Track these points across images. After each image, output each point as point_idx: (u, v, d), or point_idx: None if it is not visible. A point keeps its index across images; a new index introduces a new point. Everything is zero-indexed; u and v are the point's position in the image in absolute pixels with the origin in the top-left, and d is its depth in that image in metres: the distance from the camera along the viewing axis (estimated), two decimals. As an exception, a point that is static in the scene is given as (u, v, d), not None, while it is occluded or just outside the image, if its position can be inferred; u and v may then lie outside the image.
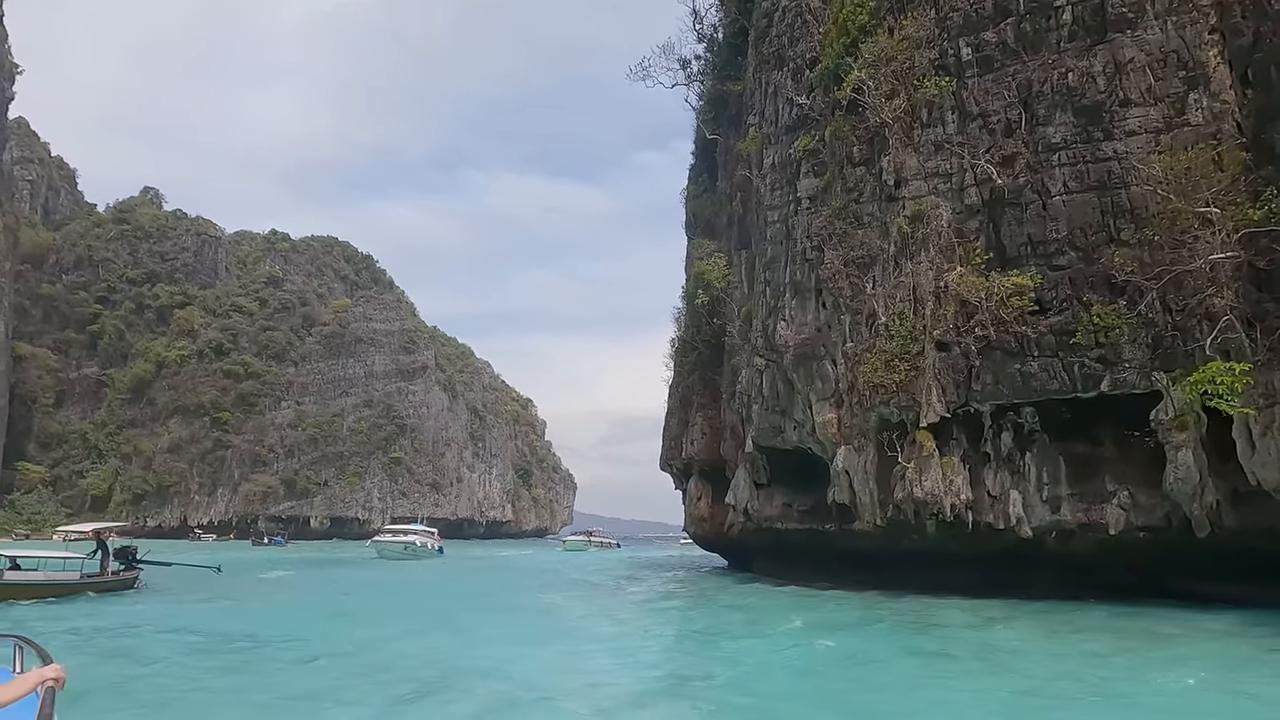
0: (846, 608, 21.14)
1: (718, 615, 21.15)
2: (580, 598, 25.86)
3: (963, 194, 24.88)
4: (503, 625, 18.16)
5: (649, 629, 18.91)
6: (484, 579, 36.93)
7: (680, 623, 20.51)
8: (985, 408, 22.98)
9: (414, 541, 60.65)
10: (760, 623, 18.73)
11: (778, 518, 30.51)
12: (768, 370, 30.32)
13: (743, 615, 20.70)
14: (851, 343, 26.24)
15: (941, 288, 24.09)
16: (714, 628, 18.27)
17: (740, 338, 34.23)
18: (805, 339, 27.73)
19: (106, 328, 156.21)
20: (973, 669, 12.95)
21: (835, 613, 20.44)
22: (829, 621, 18.61)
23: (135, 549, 29.56)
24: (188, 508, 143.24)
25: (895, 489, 24.05)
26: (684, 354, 42.56)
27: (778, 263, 30.54)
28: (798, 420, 28.60)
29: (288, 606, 22.90)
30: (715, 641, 16.19)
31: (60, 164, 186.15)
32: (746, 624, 18.59)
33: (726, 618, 20.30)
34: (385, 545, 58.97)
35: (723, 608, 22.87)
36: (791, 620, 18.42)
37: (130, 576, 28.10)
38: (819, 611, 20.54)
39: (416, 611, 21.22)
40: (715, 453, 38.30)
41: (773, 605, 21.85)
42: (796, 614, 19.76)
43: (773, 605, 21.85)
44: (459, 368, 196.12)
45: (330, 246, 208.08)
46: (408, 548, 58.85)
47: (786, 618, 19.16)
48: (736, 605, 23.05)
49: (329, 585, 31.10)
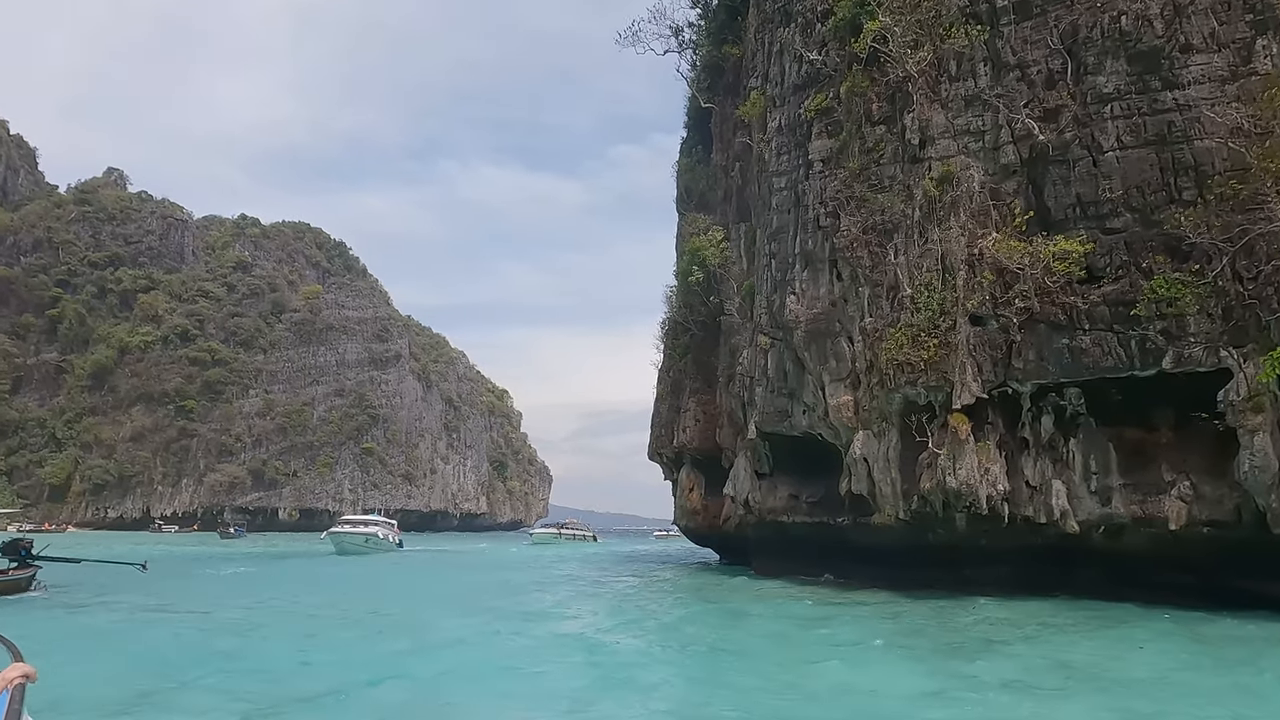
0: (907, 616, 17.85)
1: (762, 630, 16.50)
2: (578, 600, 22.77)
3: (997, 153, 22.47)
4: (500, 646, 14.32)
5: (685, 649, 14.48)
6: (455, 578, 33.19)
7: (737, 648, 14.73)
8: (1025, 388, 20.61)
9: (376, 533, 55.08)
10: (839, 642, 14.55)
11: (782, 510, 28.03)
12: (773, 350, 27.80)
13: (797, 629, 16.55)
14: (871, 317, 23.77)
15: (975, 255, 21.67)
16: (780, 658, 13.52)
17: (741, 316, 31.70)
18: (818, 314, 25.23)
19: (67, 312, 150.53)
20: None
21: (904, 623, 16.87)
22: (921, 641, 14.50)
23: (30, 542, 23.73)
24: (151, 499, 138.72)
25: (921, 478, 21.64)
26: (675, 336, 39.98)
27: (785, 233, 28.00)
28: (807, 404, 26.12)
29: (207, 621, 17.24)
30: (807, 685, 11.51)
31: (20, 142, 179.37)
32: (826, 645, 14.27)
33: (787, 635, 15.71)
34: (343, 538, 52.54)
35: (761, 617, 18.55)
36: (871, 639, 14.67)
37: (22, 577, 22.32)
38: (877, 622, 16.86)
39: (387, 626, 16.88)
40: (710, 441, 35.79)
41: (817, 616, 18.27)
42: (853, 626, 16.25)
43: (817, 616, 18.27)
44: (433, 357, 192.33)
45: (302, 232, 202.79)
46: (369, 540, 53.29)
47: (859, 634, 15.37)
48: (776, 614, 18.91)
49: (278, 584, 27.92)
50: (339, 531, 54.04)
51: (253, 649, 13.47)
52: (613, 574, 34.48)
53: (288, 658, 12.66)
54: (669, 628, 16.94)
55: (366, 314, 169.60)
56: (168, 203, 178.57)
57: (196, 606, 19.82)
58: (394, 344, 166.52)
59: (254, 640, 14.37)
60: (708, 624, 17.61)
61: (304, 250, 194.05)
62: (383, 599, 22.65)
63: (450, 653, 13.24)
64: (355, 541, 51.90)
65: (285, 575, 32.33)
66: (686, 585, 27.69)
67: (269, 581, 28.72)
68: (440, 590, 26.04)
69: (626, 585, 27.52)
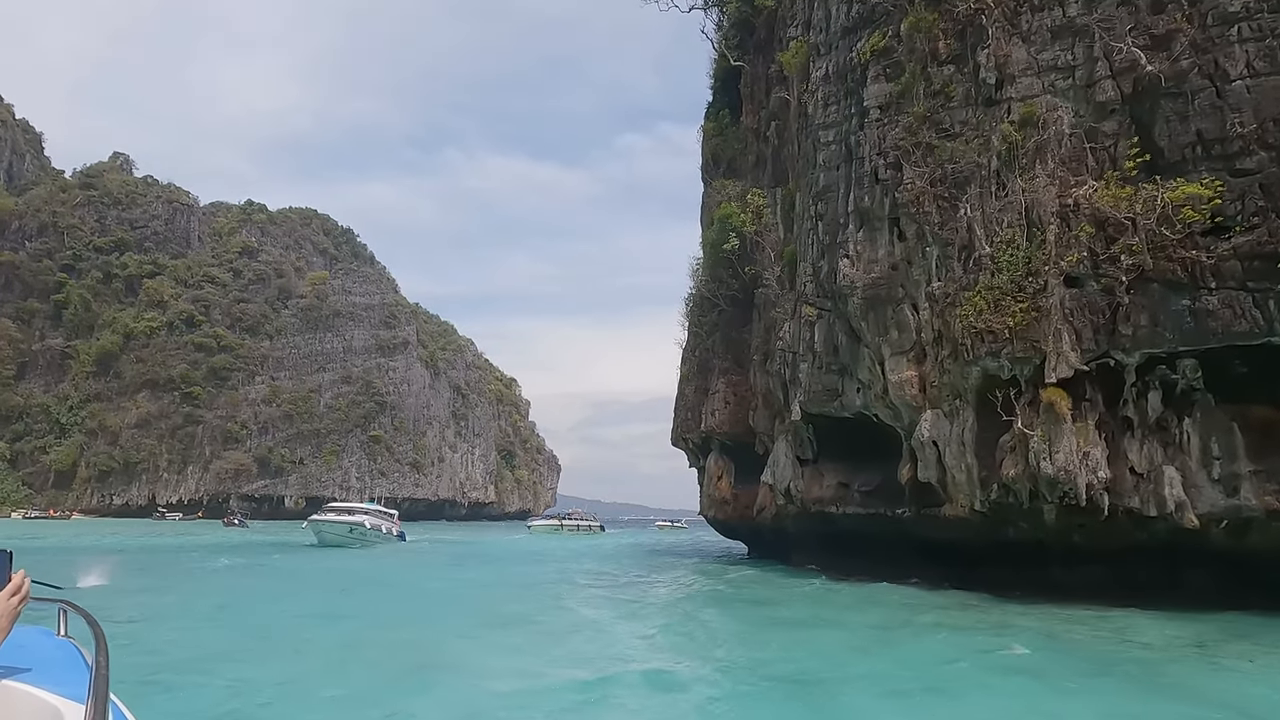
0: (1032, 632, 14.17)
1: (919, 656, 12.31)
2: (614, 609, 19.10)
3: (1092, 90, 19.44)
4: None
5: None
6: (463, 577, 28.31)
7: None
8: (1132, 359, 17.65)
9: (362, 524, 47.80)
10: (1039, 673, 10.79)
11: (830, 500, 25.17)
12: (821, 321, 24.90)
13: (951, 649, 12.66)
14: (940, 281, 20.83)
15: (1069, 206, 18.69)
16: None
17: (780, 286, 28.79)
18: (876, 279, 22.29)
19: (72, 297, 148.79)
20: None
21: (1061, 641, 13.35)
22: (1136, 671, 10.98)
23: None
24: (156, 486, 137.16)
25: (1004, 464, 18.75)
26: (702, 313, 37.07)
27: (834, 191, 25.05)
28: (862, 380, 23.22)
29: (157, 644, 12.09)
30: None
31: (26, 127, 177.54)
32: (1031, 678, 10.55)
33: (962, 662, 11.73)
34: (324, 527, 45.86)
35: (878, 630, 14.62)
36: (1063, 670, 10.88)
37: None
38: (1038, 640, 13.25)
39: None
40: (741, 424, 32.95)
41: (937, 626, 14.86)
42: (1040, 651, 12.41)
43: (937, 626, 14.86)
44: (441, 345, 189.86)
45: (309, 219, 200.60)
46: (354, 530, 46.46)
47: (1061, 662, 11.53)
48: (891, 625, 15.07)
49: (268, 583, 25.06)
50: (320, 521, 47.25)
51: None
52: (637, 570, 31.64)
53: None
54: (782, 663, 11.77)
55: (374, 300, 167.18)
56: (173, 187, 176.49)
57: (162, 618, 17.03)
58: (401, 331, 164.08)
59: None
60: (827, 655, 12.49)
61: (311, 237, 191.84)
62: (378, 604, 19.63)
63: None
64: (337, 532, 45.64)
65: (277, 572, 29.44)
66: (737, 588, 23.82)
67: (256, 579, 25.71)
68: (448, 593, 22.87)
69: (664, 588, 24.15)
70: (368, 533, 47.07)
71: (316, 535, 44.97)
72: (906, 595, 20.01)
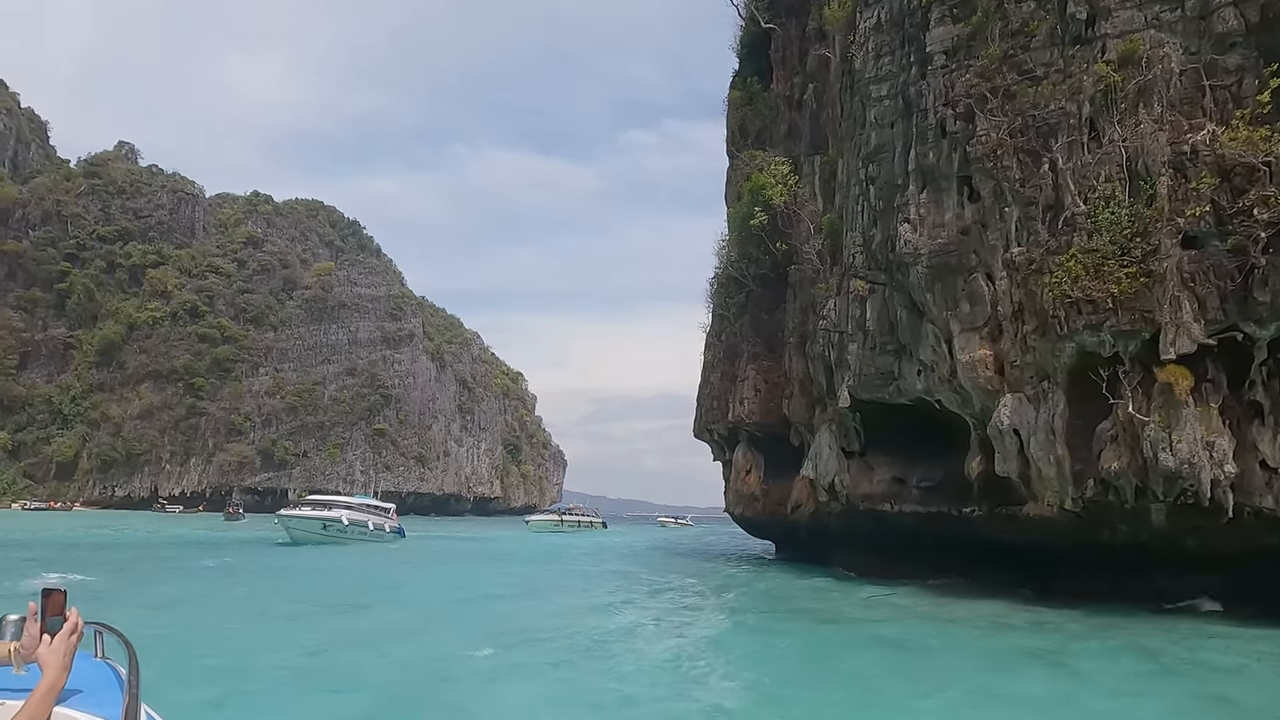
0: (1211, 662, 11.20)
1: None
2: (646, 624, 15.42)
3: (1207, 21, 16.70)
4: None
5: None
6: (467, 581, 24.04)
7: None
8: (1267, 331, 14.90)
9: (339, 519, 41.33)
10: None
11: (883, 496, 22.45)
12: (875, 296, 22.17)
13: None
14: (1021, 245, 18.10)
15: (1184, 154, 15.94)
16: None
17: (821, 260, 26.06)
18: (944, 245, 19.55)
19: (75, 287, 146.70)
20: None
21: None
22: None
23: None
24: (159, 478, 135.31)
25: (1104, 456, 16.04)
26: (728, 294, 34.33)
27: (887, 151, 22.31)
28: (924, 361, 20.49)
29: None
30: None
31: (31, 116, 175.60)
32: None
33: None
34: (295, 524, 39.91)
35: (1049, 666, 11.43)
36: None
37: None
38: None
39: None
40: (774, 414, 30.24)
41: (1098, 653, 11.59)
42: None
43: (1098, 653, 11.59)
44: (448, 338, 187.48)
45: (315, 210, 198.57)
46: (328, 527, 40.27)
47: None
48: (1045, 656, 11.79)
49: (256, 586, 22.26)
50: (290, 516, 41.30)
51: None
52: (658, 572, 28.93)
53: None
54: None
55: (380, 292, 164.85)
56: (178, 177, 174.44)
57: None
58: (407, 323, 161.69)
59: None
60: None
61: (317, 229, 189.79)
62: (367, 619, 16.47)
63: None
64: (308, 528, 39.58)
65: (272, 572, 26.63)
66: (789, 598, 20.04)
67: (235, 585, 22.34)
68: (449, 600, 19.75)
69: (702, 597, 20.96)
70: (347, 529, 41.32)
71: (287, 532, 39.71)
72: (1003, 608, 17.05)
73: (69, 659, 2.25)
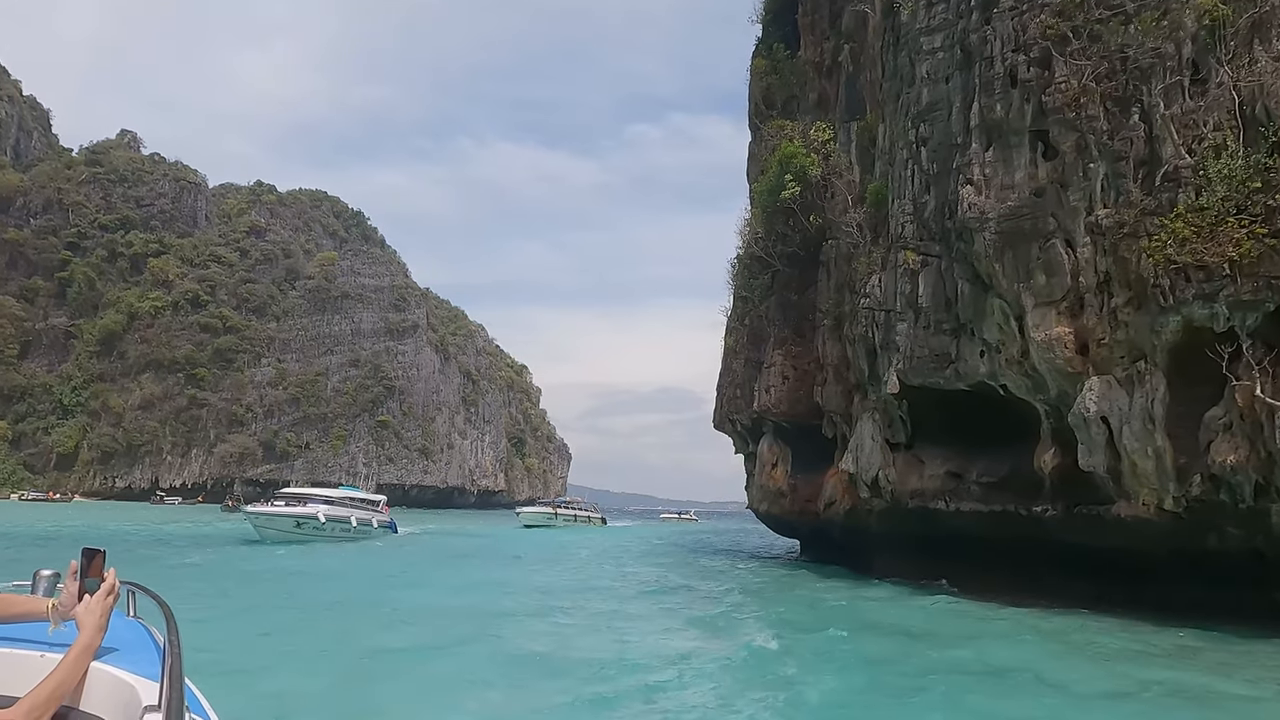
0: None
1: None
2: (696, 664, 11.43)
3: (1337, -59, 14.27)
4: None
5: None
6: (462, 589, 20.27)
7: None
8: None
9: (315, 517, 37.47)
10: None
11: (935, 493, 20.12)
12: (928, 270, 19.80)
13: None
14: (1109, 206, 15.72)
15: (1316, 93, 13.54)
16: None
17: (861, 233, 23.69)
18: (1015, 207, 17.16)
19: (76, 275, 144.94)
20: None
21: None
22: None
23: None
24: (160, 469, 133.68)
25: (1214, 447, 13.69)
26: (752, 275, 31.97)
27: (941, 108, 19.94)
28: (988, 341, 18.13)
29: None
30: None
31: (33, 104, 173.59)
32: None
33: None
34: (263, 522, 36.30)
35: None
36: None
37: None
38: None
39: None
40: (803, 403, 27.94)
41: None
42: None
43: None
44: (452, 330, 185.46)
45: (319, 200, 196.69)
46: (302, 524, 36.53)
47: None
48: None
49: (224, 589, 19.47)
50: (256, 514, 37.54)
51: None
52: (681, 575, 26.59)
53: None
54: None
55: (383, 282, 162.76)
56: (181, 165, 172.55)
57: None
58: (411, 314, 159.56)
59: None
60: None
61: (321, 219, 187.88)
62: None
63: None
64: (279, 527, 36.05)
65: (239, 578, 23.78)
66: (860, 608, 17.27)
67: (200, 591, 19.21)
68: (442, 610, 16.11)
69: (748, 608, 17.85)
70: (324, 526, 37.59)
71: (256, 531, 36.13)
72: (1115, 627, 14.45)
73: (105, 619, 2.26)
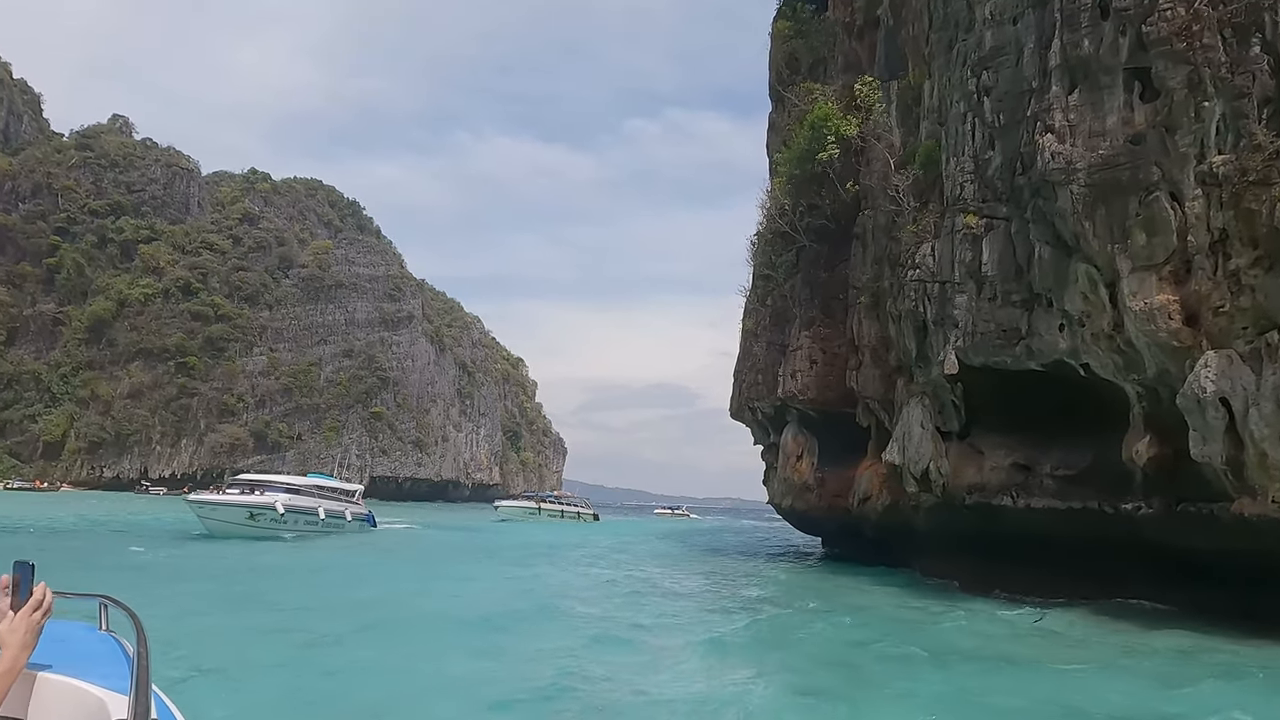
0: None
1: None
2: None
3: None
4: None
5: None
6: (445, 598, 17.37)
7: None
8: None
9: (272, 507, 32.91)
10: None
11: (999, 487, 17.77)
12: (994, 234, 17.43)
13: None
14: (1226, 152, 13.35)
15: None
16: None
17: (910, 198, 21.29)
18: (1108, 156, 14.78)
19: (65, 261, 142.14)
20: None
21: None
22: None
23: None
24: (149, 458, 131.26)
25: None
26: (775, 252, 29.59)
27: (1009, 52, 17.56)
28: (1070, 313, 15.76)
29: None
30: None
31: (24, 87, 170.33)
32: None
33: None
34: (209, 513, 32.22)
35: None
36: None
37: None
38: None
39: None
40: (833, 389, 25.60)
41: None
42: None
43: None
44: (447, 321, 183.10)
45: (314, 189, 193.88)
46: (256, 516, 32.23)
47: None
48: None
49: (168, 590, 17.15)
50: (202, 503, 33.17)
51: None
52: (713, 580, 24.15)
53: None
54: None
55: (379, 272, 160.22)
56: (173, 151, 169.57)
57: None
58: (406, 304, 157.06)
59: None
60: None
61: (315, 208, 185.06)
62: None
63: None
64: (229, 518, 31.87)
65: (197, 568, 21.28)
66: (940, 637, 13.52)
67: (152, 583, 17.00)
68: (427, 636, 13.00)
69: (804, 628, 14.41)
70: (283, 518, 33.19)
71: (201, 523, 32.41)
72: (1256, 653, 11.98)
73: (31, 637, 2.14)
